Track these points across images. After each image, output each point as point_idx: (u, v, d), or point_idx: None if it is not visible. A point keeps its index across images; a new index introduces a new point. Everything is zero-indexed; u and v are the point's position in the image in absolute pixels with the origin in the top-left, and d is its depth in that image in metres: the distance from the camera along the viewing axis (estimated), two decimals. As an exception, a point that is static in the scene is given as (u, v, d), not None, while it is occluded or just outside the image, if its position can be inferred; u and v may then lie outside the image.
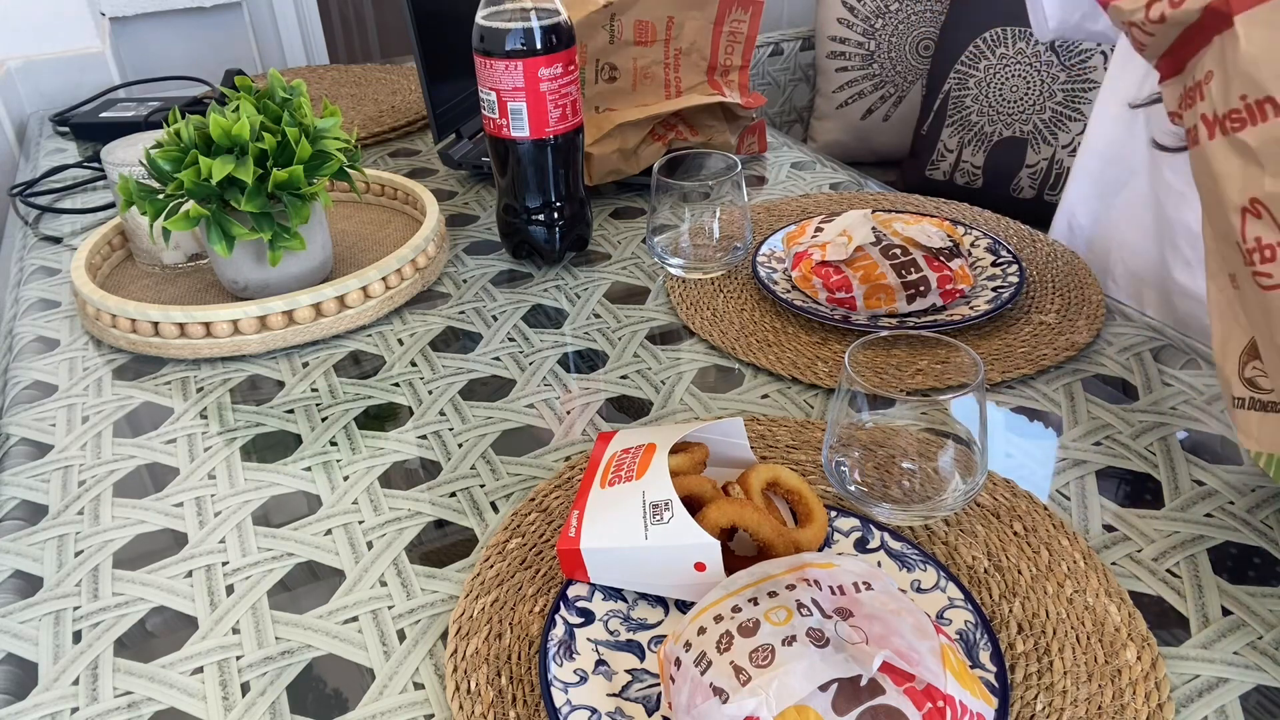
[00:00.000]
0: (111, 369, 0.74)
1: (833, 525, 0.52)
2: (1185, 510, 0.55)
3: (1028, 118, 1.55)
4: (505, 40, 0.73)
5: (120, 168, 0.84)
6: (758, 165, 1.08)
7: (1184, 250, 0.83)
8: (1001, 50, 1.56)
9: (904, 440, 0.54)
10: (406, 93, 1.34)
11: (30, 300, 0.86)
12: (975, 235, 0.82)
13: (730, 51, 1.05)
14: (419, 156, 1.15)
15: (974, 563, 0.51)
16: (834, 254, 0.73)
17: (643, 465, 0.48)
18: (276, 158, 0.72)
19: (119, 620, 0.51)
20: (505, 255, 0.88)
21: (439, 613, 0.50)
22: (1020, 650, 0.46)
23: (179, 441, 0.65)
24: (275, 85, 0.75)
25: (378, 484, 0.60)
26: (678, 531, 0.45)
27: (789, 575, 0.41)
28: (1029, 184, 1.58)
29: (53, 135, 1.30)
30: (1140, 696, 0.43)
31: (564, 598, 0.48)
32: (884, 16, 1.75)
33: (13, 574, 0.55)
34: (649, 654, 0.46)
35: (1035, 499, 0.55)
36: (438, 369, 0.72)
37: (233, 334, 0.74)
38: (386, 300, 0.79)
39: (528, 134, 0.77)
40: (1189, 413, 0.63)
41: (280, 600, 0.52)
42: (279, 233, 0.73)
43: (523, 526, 0.54)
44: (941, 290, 0.72)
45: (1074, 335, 0.70)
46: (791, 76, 1.93)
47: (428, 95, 1.00)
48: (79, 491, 0.61)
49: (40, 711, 0.46)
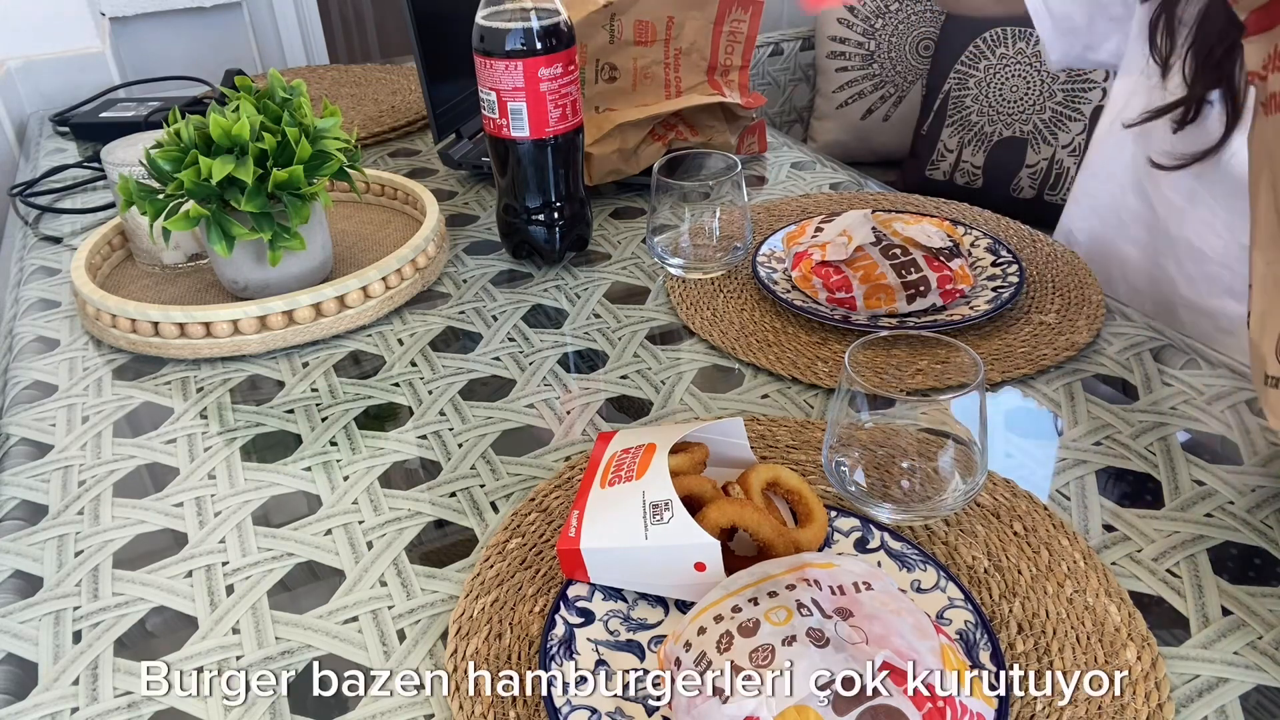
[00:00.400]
0: (111, 369, 0.74)
1: (833, 525, 0.52)
2: (1185, 510, 0.55)
3: (1028, 118, 1.55)
4: (505, 40, 0.73)
5: (120, 168, 0.84)
6: (758, 165, 1.08)
7: (1187, 266, 0.83)
8: (1001, 50, 1.56)
9: (904, 440, 0.54)
10: (406, 93, 1.34)
11: (30, 300, 0.86)
12: (975, 235, 0.82)
13: (730, 51, 1.05)
14: (419, 156, 1.15)
15: (974, 563, 0.51)
16: (834, 254, 0.73)
17: (643, 465, 0.48)
18: (276, 158, 0.72)
19: (119, 620, 0.51)
20: (505, 255, 0.88)
21: (439, 613, 0.50)
22: (1020, 650, 0.46)
23: (179, 441, 0.65)
24: (275, 85, 0.75)
25: (378, 484, 0.60)
26: (678, 531, 0.45)
27: (789, 575, 0.41)
28: (1029, 184, 1.58)
29: (53, 135, 1.30)
30: (1140, 696, 0.43)
31: (564, 598, 0.48)
32: (884, 16, 1.75)
33: (13, 574, 0.55)
34: (649, 654, 0.46)
35: (1035, 499, 0.55)
36: (438, 369, 0.72)
37: (233, 334, 0.74)
38: (386, 300, 0.79)
39: (528, 134, 0.77)
40: (1189, 413, 0.63)
41: (280, 600, 0.52)
42: (279, 233, 0.73)
43: (523, 526, 0.54)
44: (941, 290, 0.72)
45: (1074, 335, 0.70)
46: (791, 76, 1.93)
47: (428, 95, 1.00)
48: (79, 491, 0.61)
49: (40, 711, 0.46)
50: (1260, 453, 0.59)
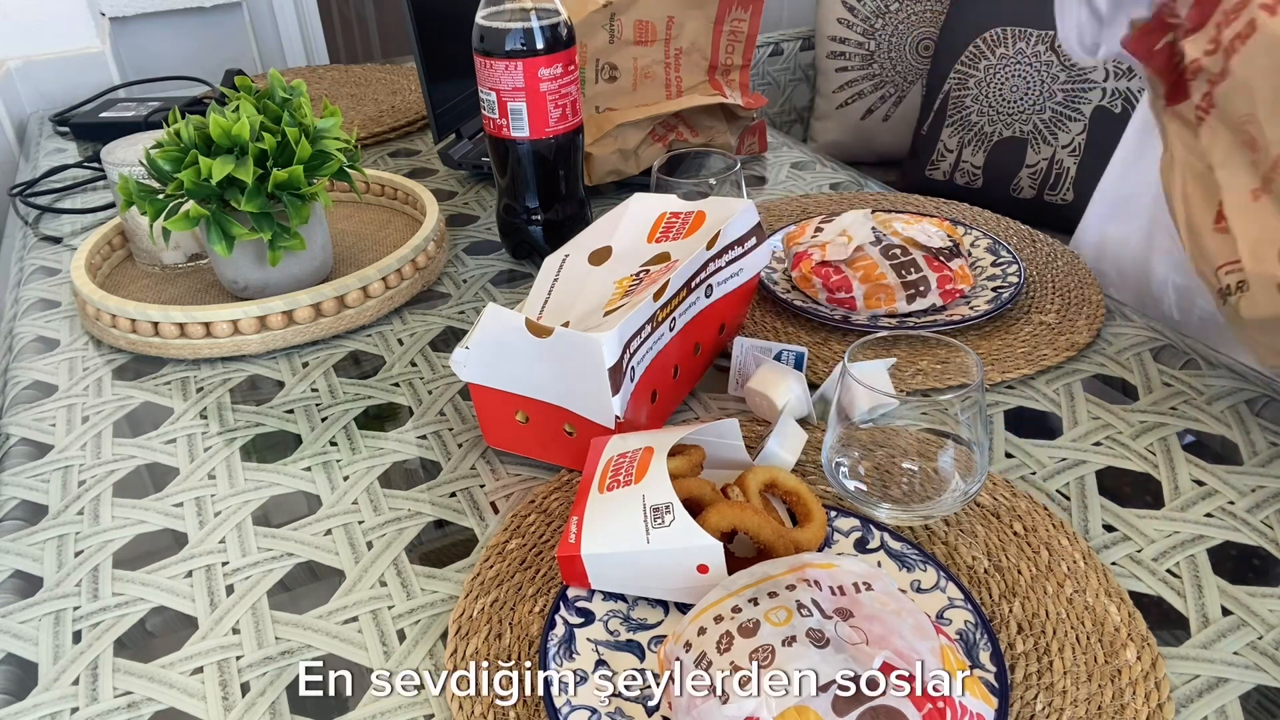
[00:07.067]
0: (111, 369, 0.74)
1: (833, 525, 0.52)
2: (1185, 510, 0.55)
3: (1028, 118, 1.55)
4: (505, 40, 0.73)
5: (120, 168, 0.84)
6: (758, 165, 1.08)
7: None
8: (1001, 50, 1.56)
9: (904, 440, 0.54)
10: (406, 93, 1.34)
11: (30, 300, 0.86)
12: (975, 235, 0.82)
13: (731, 51, 1.05)
14: (419, 156, 1.15)
15: (974, 563, 0.51)
16: (834, 254, 0.73)
17: (641, 469, 0.48)
18: (276, 158, 0.72)
19: (119, 620, 0.51)
20: (505, 255, 0.88)
21: (439, 613, 0.50)
22: (1020, 650, 0.46)
23: (179, 441, 0.65)
24: (275, 85, 0.75)
25: (378, 484, 0.60)
26: (679, 534, 0.45)
27: (789, 575, 0.41)
28: (1029, 184, 1.58)
29: (53, 135, 1.30)
30: (1140, 696, 0.43)
31: (564, 598, 0.48)
32: (884, 16, 1.75)
33: (13, 574, 0.55)
34: (649, 654, 0.46)
35: (1035, 499, 0.55)
36: (438, 369, 0.72)
37: (233, 334, 0.74)
38: (386, 300, 0.79)
39: (528, 134, 0.77)
40: (1189, 413, 0.63)
41: (280, 600, 0.52)
42: (279, 233, 0.73)
43: (522, 527, 0.54)
44: (941, 290, 0.72)
45: (1074, 335, 0.70)
46: (791, 76, 1.93)
47: (428, 95, 1.00)
48: (79, 491, 0.61)
49: (40, 711, 0.46)
50: (1260, 453, 0.59)
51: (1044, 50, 1.54)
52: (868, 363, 0.59)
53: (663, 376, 0.60)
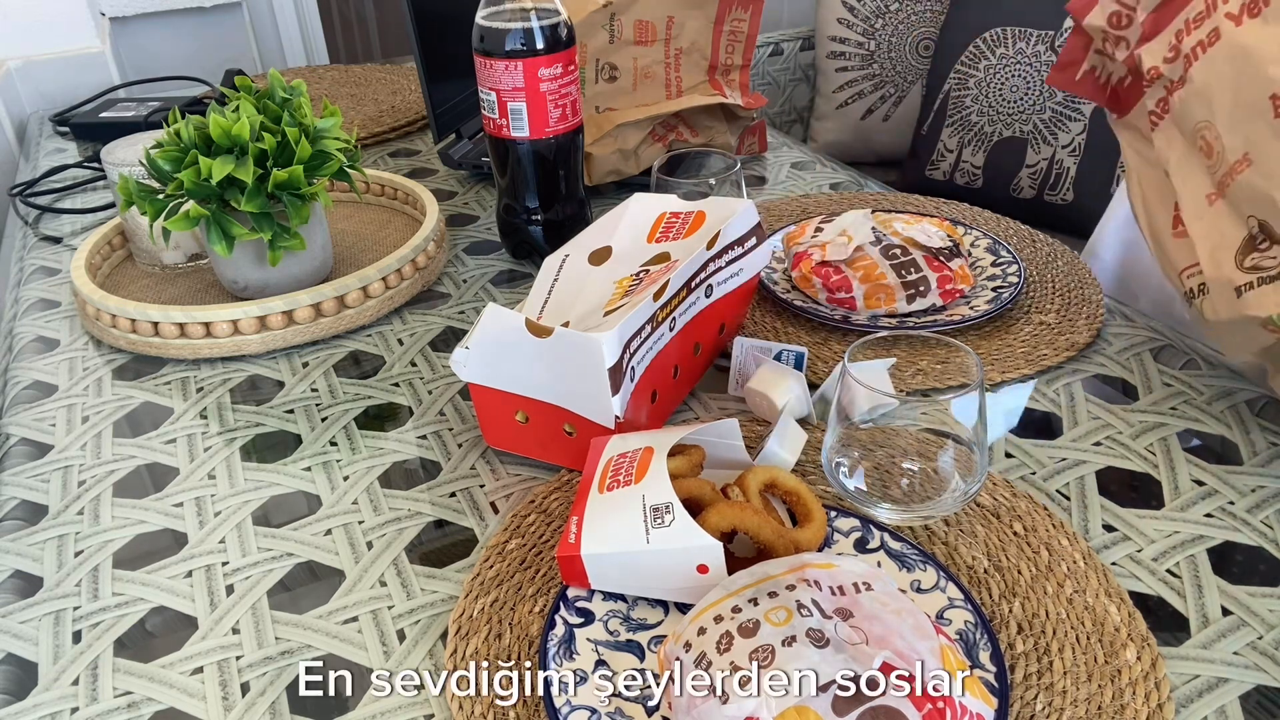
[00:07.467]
0: (111, 369, 0.74)
1: (833, 525, 0.52)
2: (1185, 510, 0.55)
3: (1028, 118, 1.55)
4: (505, 40, 0.73)
5: (120, 168, 0.84)
6: (758, 165, 1.08)
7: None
8: (1001, 50, 1.56)
9: (904, 440, 0.54)
10: (406, 93, 1.34)
11: (30, 300, 0.86)
12: (975, 235, 0.82)
13: (731, 50, 1.05)
14: (419, 156, 1.15)
15: (974, 563, 0.51)
16: (834, 254, 0.73)
17: (641, 469, 0.48)
18: (276, 158, 0.72)
19: (119, 620, 0.51)
20: (505, 255, 0.88)
21: (439, 613, 0.50)
22: (1020, 650, 0.46)
23: (179, 441, 0.65)
24: (275, 85, 0.75)
25: (377, 484, 0.60)
26: (680, 534, 0.45)
27: (789, 575, 0.41)
28: (1029, 184, 1.57)
29: (53, 135, 1.30)
30: (1140, 696, 0.43)
31: (564, 598, 0.48)
32: (884, 16, 1.75)
33: (13, 574, 0.55)
34: (649, 654, 0.46)
35: (1035, 499, 0.55)
36: (438, 369, 0.72)
37: (233, 334, 0.74)
38: (386, 300, 0.79)
39: (528, 134, 0.77)
40: (1189, 413, 0.63)
41: (280, 600, 0.52)
42: (279, 233, 0.73)
43: (522, 527, 0.54)
44: (941, 290, 0.72)
45: (1074, 335, 0.70)
46: (791, 76, 1.93)
47: (428, 95, 1.00)
48: (79, 491, 0.61)
49: (40, 711, 0.46)
50: (1260, 453, 0.59)
51: (1044, 50, 1.54)
52: (867, 363, 0.59)
53: (663, 376, 0.60)
